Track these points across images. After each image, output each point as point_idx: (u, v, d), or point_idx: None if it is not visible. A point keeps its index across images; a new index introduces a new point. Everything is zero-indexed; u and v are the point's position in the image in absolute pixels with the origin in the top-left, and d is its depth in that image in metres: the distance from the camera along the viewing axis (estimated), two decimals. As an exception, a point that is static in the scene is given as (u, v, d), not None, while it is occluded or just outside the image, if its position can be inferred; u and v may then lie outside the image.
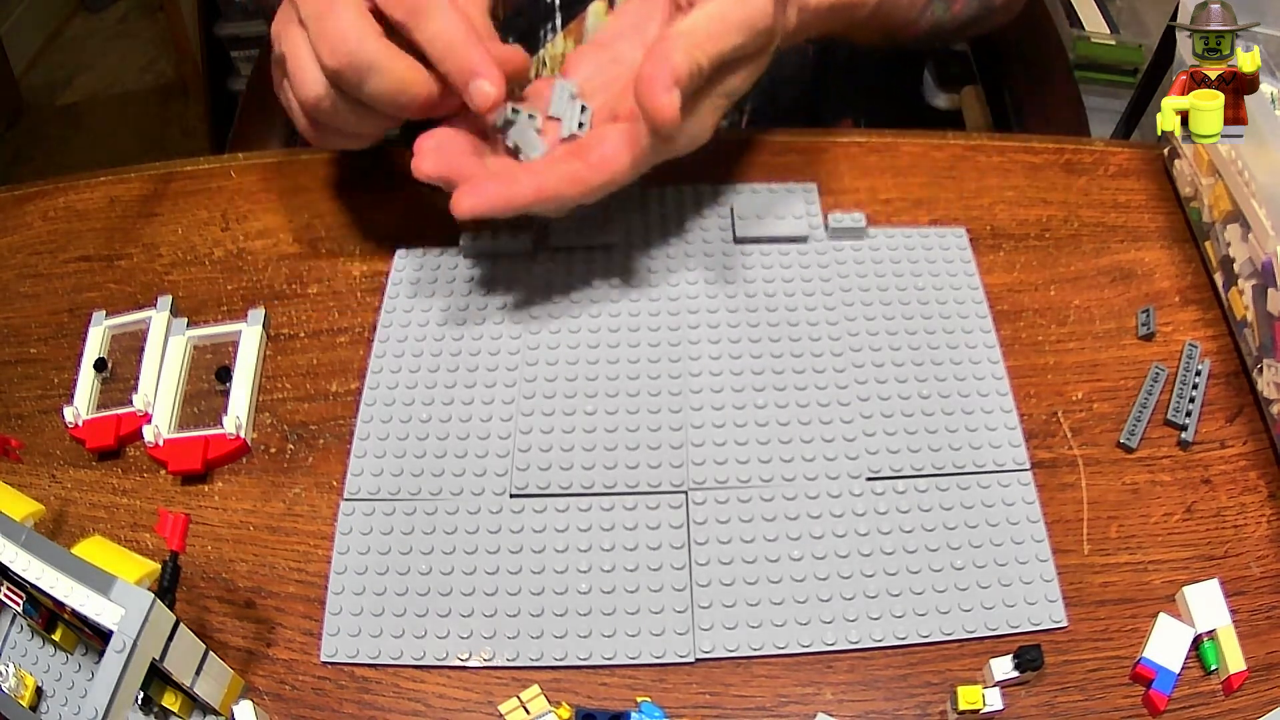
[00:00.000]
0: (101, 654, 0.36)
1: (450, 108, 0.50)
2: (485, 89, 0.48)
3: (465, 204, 0.46)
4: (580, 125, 0.50)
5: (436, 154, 0.48)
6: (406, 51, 0.48)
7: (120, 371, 0.55)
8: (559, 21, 0.71)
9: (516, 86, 0.52)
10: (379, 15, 0.48)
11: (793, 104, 0.79)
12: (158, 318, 0.56)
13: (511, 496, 0.48)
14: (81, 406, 0.53)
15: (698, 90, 0.47)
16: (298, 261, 0.59)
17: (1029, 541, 0.46)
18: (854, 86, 0.85)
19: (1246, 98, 0.46)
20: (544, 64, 0.72)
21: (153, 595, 0.36)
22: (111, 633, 0.36)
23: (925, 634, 0.44)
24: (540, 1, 0.70)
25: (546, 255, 0.58)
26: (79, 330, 0.56)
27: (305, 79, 0.49)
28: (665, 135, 0.45)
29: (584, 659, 0.44)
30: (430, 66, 0.48)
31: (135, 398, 0.52)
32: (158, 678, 0.39)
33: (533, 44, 0.72)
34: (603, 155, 0.47)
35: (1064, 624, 0.44)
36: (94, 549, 0.40)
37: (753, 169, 0.62)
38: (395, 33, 0.48)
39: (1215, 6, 0.45)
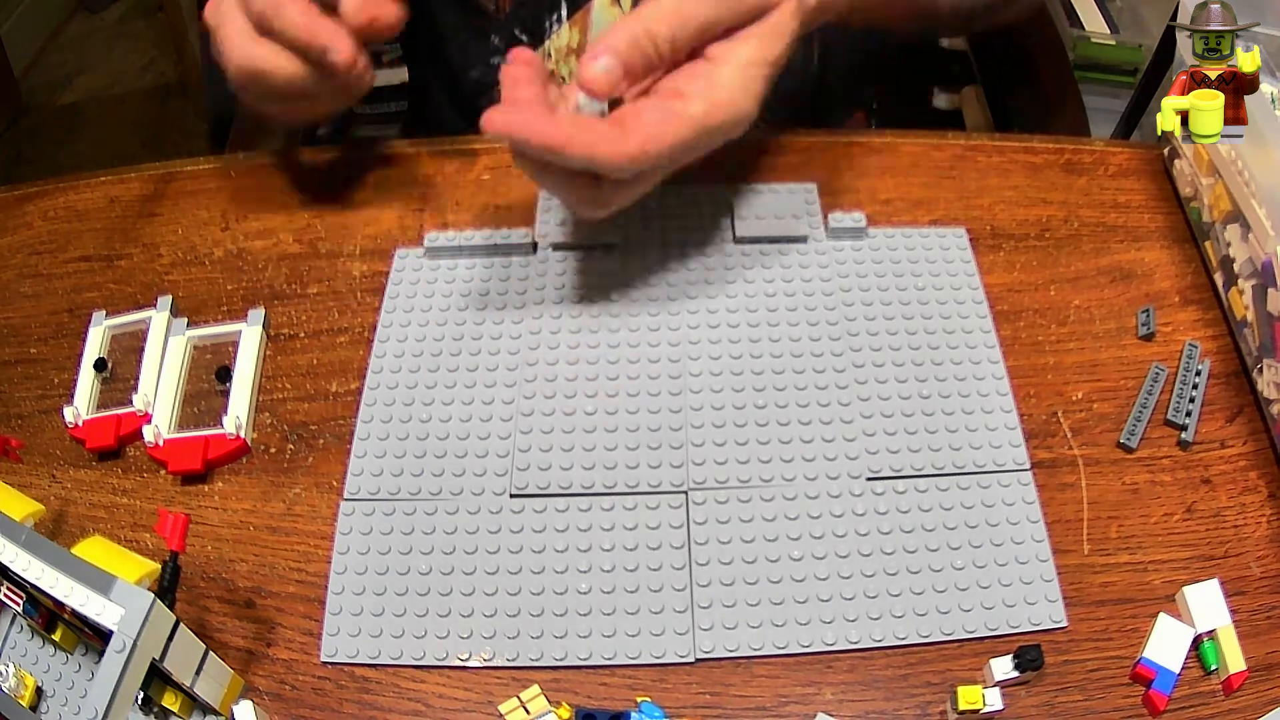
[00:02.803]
0: (101, 654, 0.36)
1: (336, 78, 0.53)
2: (336, 56, 0.51)
3: (497, 120, 0.45)
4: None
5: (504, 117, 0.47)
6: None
7: (120, 371, 0.55)
8: (564, 12, 0.70)
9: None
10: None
11: (796, 99, 0.79)
12: (158, 318, 0.56)
13: (511, 496, 0.48)
14: (81, 406, 0.53)
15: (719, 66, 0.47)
16: (298, 261, 0.59)
17: (1029, 541, 0.46)
18: (859, 83, 0.84)
19: (1246, 98, 0.46)
20: (549, 55, 0.71)
21: (153, 595, 0.36)
22: (111, 633, 0.36)
23: (925, 634, 0.44)
24: None
25: (547, 255, 0.58)
26: (79, 330, 0.56)
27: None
28: (598, 94, 0.46)
29: (584, 659, 0.44)
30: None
31: (135, 398, 0.52)
32: (158, 678, 0.39)
33: (538, 35, 0.72)
34: (642, 126, 0.46)
35: (1064, 624, 0.44)
36: (94, 549, 0.40)
37: (753, 169, 0.62)
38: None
39: (1215, 6, 0.45)
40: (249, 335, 0.55)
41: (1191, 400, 0.50)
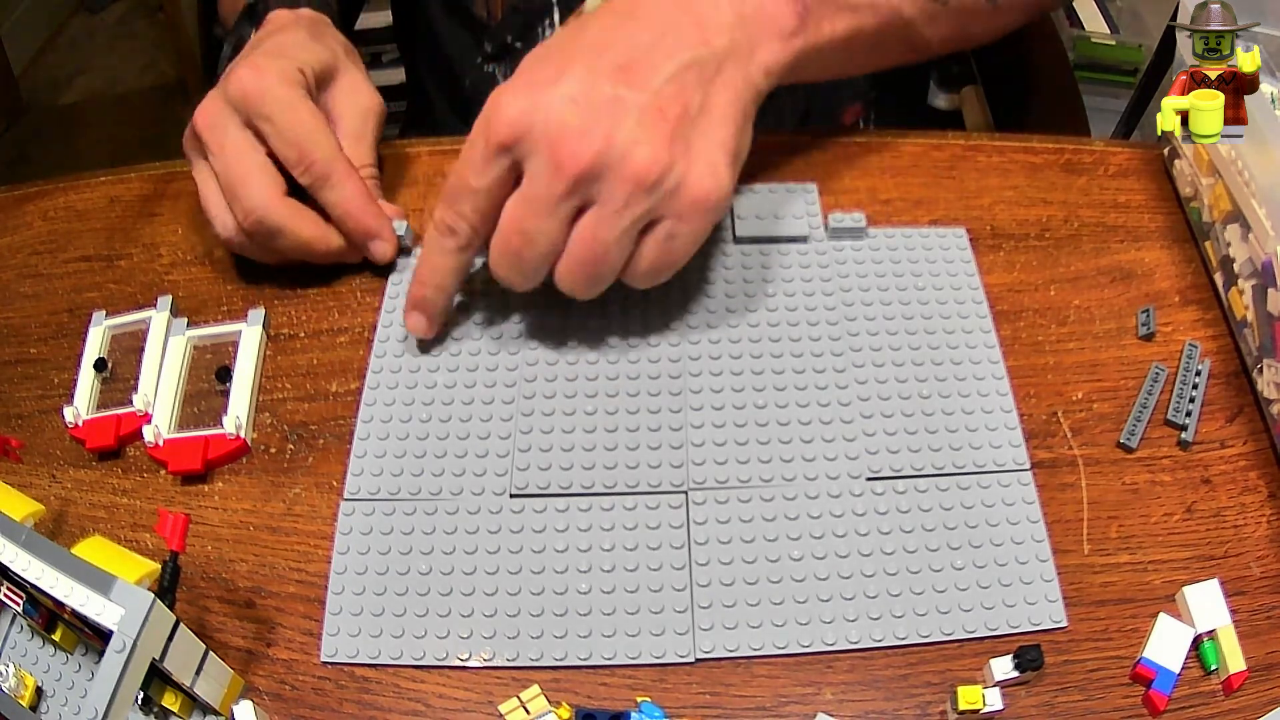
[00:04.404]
0: (101, 654, 0.36)
1: (353, 255, 0.57)
2: (383, 248, 0.56)
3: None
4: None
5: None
6: (310, 207, 0.54)
7: (120, 371, 0.55)
8: (557, 17, 0.71)
9: None
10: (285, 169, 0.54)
11: (793, 96, 0.79)
12: (158, 318, 0.56)
13: (511, 496, 0.48)
14: (81, 406, 0.53)
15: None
16: (298, 261, 0.59)
17: (1029, 541, 0.46)
18: (856, 80, 0.84)
19: (1246, 98, 0.46)
20: None
21: (153, 595, 0.36)
22: (111, 633, 0.36)
23: (925, 634, 0.44)
24: None
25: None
26: (79, 330, 0.56)
27: (219, 220, 0.54)
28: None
29: (584, 659, 0.44)
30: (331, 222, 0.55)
31: (135, 398, 0.52)
32: (158, 678, 0.39)
33: (530, 41, 0.72)
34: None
35: (1064, 624, 0.44)
36: (94, 549, 0.40)
37: (753, 169, 0.62)
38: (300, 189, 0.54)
39: (1215, 6, 0.45)
40: (249, 335, 0.55)
41: (1191, 400, 0.50)
